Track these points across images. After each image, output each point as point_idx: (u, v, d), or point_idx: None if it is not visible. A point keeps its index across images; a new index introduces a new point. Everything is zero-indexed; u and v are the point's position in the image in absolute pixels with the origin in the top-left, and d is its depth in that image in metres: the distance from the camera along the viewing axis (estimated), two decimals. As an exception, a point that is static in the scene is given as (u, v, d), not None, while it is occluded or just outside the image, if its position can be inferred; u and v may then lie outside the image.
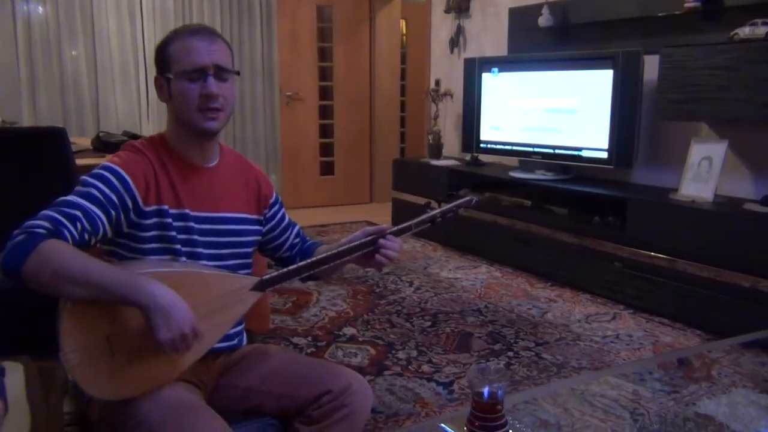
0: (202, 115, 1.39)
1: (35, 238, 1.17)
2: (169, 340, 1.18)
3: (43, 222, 1.21)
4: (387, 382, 2.55)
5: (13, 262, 1.15)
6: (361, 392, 1.42)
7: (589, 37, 4.13)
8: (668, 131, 3.73)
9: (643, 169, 3.90)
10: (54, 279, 1.16)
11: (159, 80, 1.43)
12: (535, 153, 4.22)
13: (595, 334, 3.08)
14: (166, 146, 1.45)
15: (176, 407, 1.25)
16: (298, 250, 1.68)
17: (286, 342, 2.93)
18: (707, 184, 3.27)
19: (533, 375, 2.63)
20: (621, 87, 3.68)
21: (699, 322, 3.14)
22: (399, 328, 3.14)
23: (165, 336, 1.18)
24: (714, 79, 3.13)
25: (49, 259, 1.16)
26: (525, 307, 3.45)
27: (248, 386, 1.44)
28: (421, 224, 1.54)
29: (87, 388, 1.23)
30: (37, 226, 1.20)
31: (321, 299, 3.52)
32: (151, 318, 1.17)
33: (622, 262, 3.46)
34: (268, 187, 1.62)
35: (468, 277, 4.01)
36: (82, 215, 1.26)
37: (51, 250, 1.17)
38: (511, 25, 4.69)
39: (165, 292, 1.19)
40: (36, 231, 1.19)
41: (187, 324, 1.20)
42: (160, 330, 1.17)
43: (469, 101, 4.65)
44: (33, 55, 4.88)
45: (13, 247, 1.17)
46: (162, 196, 1.38)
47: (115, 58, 5.18)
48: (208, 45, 1.39)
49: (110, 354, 1.23)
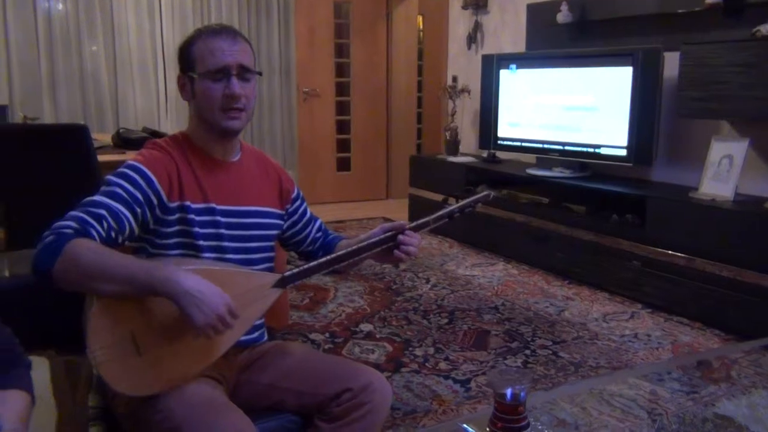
0: (224, 114, 1.41)
1: (63, 238, 1.20)
2: (206, 324, 1.20)
3: (70, 222, 1.24)
4: (404, 379, 2.56)
5: (43, 263, 1.18)
6: (381, 390, 1.43)
7: (608, 33, 4.10)
8: (688, 129, 3.70)
9: (662, 167, 3.87)
10: (82, 277, 1.19)
11: (182, 79, 1.46)
12: (553, 150, 4.20)
13: (612, 333, 3.07)
14: (189, 143, 1.47)
15: (200, 403, 1.27)
16: (320, 244, 1.70)
17: (303, 338, 2.95)
18: (728, 183, 3.24)
19: (551, 374, 2.63)
20: (640, 84, 3.65)
21: (718, 322, 3.12)
22: (416, 325, 3.15)
23: (201, 321, 1.19)
24: (735, 77, 3.10)
25: (77, 258, 1.19)
26: (542, 305, 3.45)
27: (270, 383, 1.46)
28: (439, 220, 1.55)
29: (113, 385, 1.25)
30: (64, 227, 1.23)
31: (338, 295, 3.54)
32: (184, 306, 1.19)
33: (641, 260, 3.44)
34: (290, 182, 1.64)
35: (485, 275, 4.01)
36: (108, 214, 1.28)
37: (78, 249, 1.19)
38: (530, 22, 4.67)
39: (192, 279, 1.21)
40: (64, 231, 1.22)
41: (220, 305, 1.21)
42: (195, 316, 1.19)
43: (487, 98, 4.64)
44: (53, 51, 4.93)
45: (42, 248, 1.20)
46: (185, 192, 1.40)
47: (134, 53, 5.23)
48: (231, 45, 1.41)
49: (136, 351, 1.25)
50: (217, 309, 1.21)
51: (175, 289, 1.20)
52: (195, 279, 1.22)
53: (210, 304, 1.20)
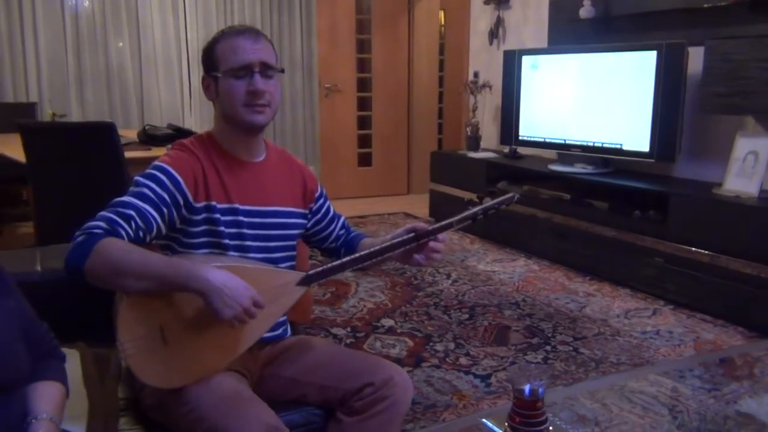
0: (248, 109, 1.44)
1: (93, 238, 1.25)
2: (232, 317, 1.25)
3: (100, 222, 1.29)
4: (425, 373, 2.59)
5: (75, 262, 1.23)
6: (402, 385, 1.45)
7: (631, 28, 4.07)
8: (712, 125, 3.66)
9: (685, 163, 3.84)
10: (112, 274, 1.24)
11: (206, 80, 1.49)
12: (575, 146, 4.19)
13: (634, 330, 3.06)
14: (214, 143, 1.50)
15: (226, 396, 1.31)
16: (343, 241, 1.72)
17: (325, 332, 2.99)
18: (752, 180, 3.20)
19: (571, 370, 2.64)
20: (664, 79, 3.62)
21: (742, 319, 3.09)
22: (437, 320, 3.17)
23: (227, 314, 1.24)
24: (761, 72, 3.07)
25: (106, 256, 1.23)
26: (563, 301, 3.45)
27: (293, 377, 1.49)
28: (463, 221, 1.55)
29: (142, 377, 1.29)
30: (94, 227, 1.27)
31: (359, 290, 3.57)
32: (211, 300, 1.24)
33: (664, 257, 3.42)
34: (313, 181, 1.67)
35: (506, 270, 4.01)
36: (136, 214, 1.32)
37: (108, 248, 1.24)
38: (552, 17, 4.65)
39: (218, 273, 1.26)
40: (94, 231, 1.26)
41: (244, 297, 1.26)
42: (221, 310, 1.24)
43: (509, 93, 4.63)
44: (80, 48, 5.03)
45: (73, 248, 1.25)
46: (210, 192, 1.44)
47: (159, 50, 5.30)
48: (253, 44, 1.44)
49: (164, 344, 1.29)
50: (243, 302, 1.25)
51: (202, 285, 1.24)
52: (221, 274, 1.26)
53: (236, 298, 1.24)
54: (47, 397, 1.17)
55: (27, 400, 1.15)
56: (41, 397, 1.16)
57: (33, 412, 1.14)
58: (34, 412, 1.14)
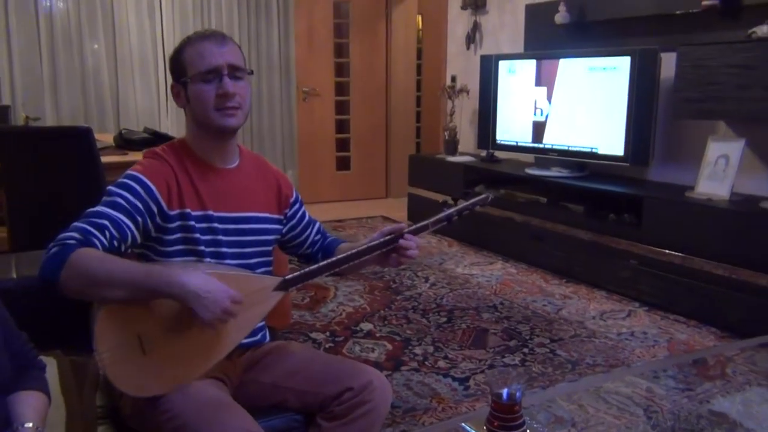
0: (220, 113, 1.44)
1: (67, 249, 1.25)
2: (213, 319, 1.26)
3: (73, 233, 1.28)
4: (404, 377, 2.60)
5: (50, 274, 1.24)
6: (382, 389, 1.46)
7: (606, 34, 4.13)
8: (685, 129, 3.74)
9: (659, 166, 3.91)
10: (88, 285, 1.24)
11: (176, 87, 1.49)
12: (551, 150, 4.24)
13: (609, 331, 3.10)
14: (187, 150, 1.50)
15: (205, 403, 1.30)
16: (319, 246, 1.73)
17: (304, 337, 2.99)
18: (724, 183, 3.27)
19: (548, 372, 2.67)
20: (638, 85, 3.68)
21: (714, 319, 3.16)
22: (415, 323, 3.19)
23: (208, 317, 1.25)
24: (732, 78, 3.13)
25: (81, 267, 1.23)
26: (540, 304, 3.48)
27: (272, 382, 1.50)
28: (438, 223, 1.58)
29: (120, 386, 1.29)
30: (68, 238, 1.27)
31: (338, 294, 3.58)
32: (190, 305, 1.24)
33: (638, 259, 3.48)
34: (288, 187, 1.67)
35: (483, 273, 4.04)
36: (110, 224, 1.33)
37: (83, 258, 1.24)
38: (528, 22, 4.70)
39: (194, 277, 1.26)
40: (68, 242, 1.26)
41: (224, 299, 1.26)
42: (201, 313, 1.25)
43: (486, 98, 4.67)
44: (55, 51, 4.96)
45: (48, 259, 1.25)
46: (184, 200, 1.44)
47: (135, 53, 5.25)
48: (219, 47, 1.45)
49: (142, 352, 1.28)
50: (222, 302, 1.26)
51: (180, 290, 1.24)
52: (197, 277, 1.27)
53: (215, 299, 1.25)
54: (32, 406, 1.17)
55: (11, 408, 1.15)
56: (26, 406, 1.16)
57: (19, 420, 1.13)
58: (19, 420, 1.13)
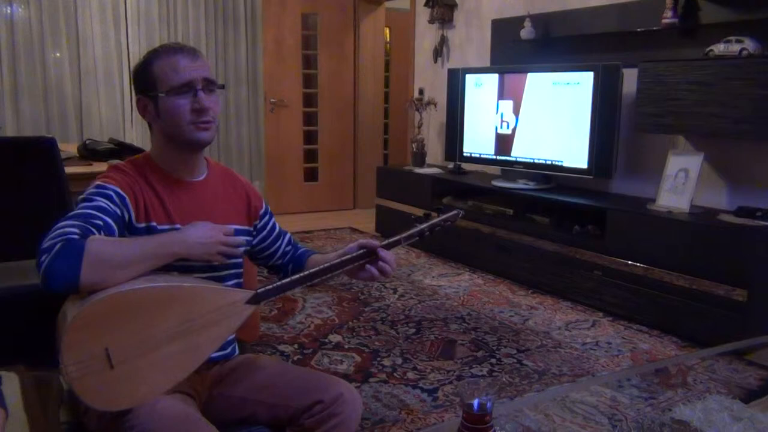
0: (194, 127, 1.44)
1: (76, 242, 1.22)
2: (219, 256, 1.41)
3: (71, 229, 1.26)
4: (373, 389, 2.60)
5: (68, 273, 1.20)
6: (352, 401, 1.46)
7: (570, 50, 4.23)
8: (646, 143, 3.83)
9: (621, 179, 4.00)
10: (112, 269, 1.24)
11: (143, 100, 1.47)
12: (517, 163, 4.30)
13: (575, 341, 3.15)
14: (152, 165, 1.49)
15: (172, 418, 1.29)
16: (290, 257, 1.72)
17: (272, 350, 2.97)
18: (684, 195, 3.36)
19: (515, 382, 2.70)
20: (601, 99, 3.77)
21: (675, 329, 3.23)
22: (384, 335, 3.19)
23: (215, 257, 1.40)
24: (690, 94, 3.23)
25: (102, 254, 1.24)
26: (507, 315, 3.52)
27: (242, 396, 1.49)
28: (410, 238, 1.60)
29: (86, 400, 1.26)
30: (69, 233, 1.24)
31: (306, 306, 3.56)
32: (198, 256, 1.37)
33: (602, 270, 3.55)
34: (258, 198, 1.67)
35: (451, 285, 4.07)
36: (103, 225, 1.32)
37: (99, 246, 1.25)
38: (494, 37, 4.78)
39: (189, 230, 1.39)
40: (70, 237, 1.23)
41: (214, 237, 1.39)
42: (206, 258, 1.39)
43: (453, 111, 4.73)
44: (16, 59, 4.86)
45: (57, 257, 1.20)
46: (150, 214, 1.43)
47: (99, 63, 5.18)
48: (192, 61, 1.45)
49: (109, 366, 1.26)
50: (217, 239, 1.39)
51: (183, 247, 1.35)
52: (189, 229, 1.39)
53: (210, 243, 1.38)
54: None
55: None
56: None
57: None
58: None
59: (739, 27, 3.19)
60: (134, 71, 1.49)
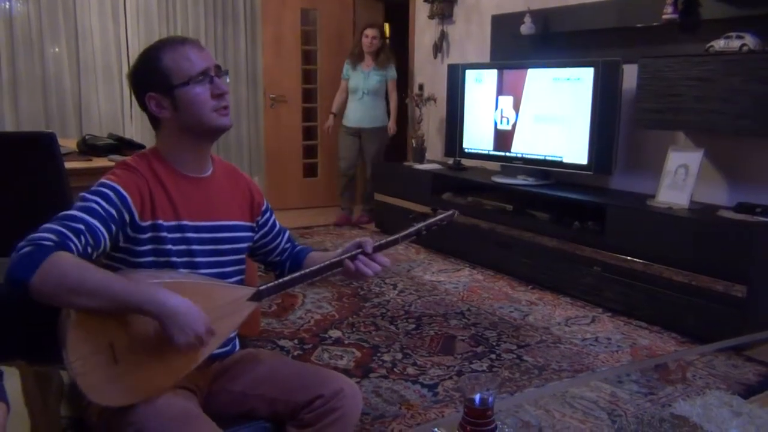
0: (217, 114, 1.44)
1: (44, 250, 1.19)
2: (186, 343, 1.25)
3: (49, 235, 1.23)
4: (373, 384, 2.60)
5: (22, 273, 1.17)
6: (352, 396, 1.46)
7: (570, 45, 4.22)
8: (646, 139, 3.83)
9: (621, 175, 4.00)
10: (62, 290, 1.19)
11: (155, 97, 1.43)
12: (517, 158, 4.30)
13: (574, 337, 3.16)
14: (160, 160, 1.48)
15: (172, 414, 1.29)
16: (288, 254, 1.73)
17: (272, 345, 2.97)
18: (683, 191, 3.36)
19: (515, 377, 2.70)
20: (601, 95, 3.76)
21: (675, 325, 3.23)
22: (384, 330, 3.19)
23: (181, 340, 1.24)
24: (690, 90, 3.23)
25: (58, 271, 1.18)
26: (507, 310, 3.52)
27: (242, 391, 1.49)
28: (407, 237, 1.60)
29: (90, 395, 1.26)
30: (44, 239, 1.22)
31: (306, 302, 3.57)
32: (166, 325, 1.23)
33: (601, 266, 3.55)
34: (260, 195, 1.67)
35: (451, 280, 4.07)
36: (86, 229, 1.29)
37: (60, 262, 1.19)
38: (494, 32, 4.77)
39: (174, 298, 1.24)
40: (43, 243, 1.21)
41: (199, 325, 1.26)
42: (176, 336, 1.24)
43: (453, 106, 4.72)
44: (15, 54, 4.85)
45: (20, 258, 1.18)
46: (157, 211, 1.41)
47: (98, 58, 5.17)
48: (200, 50, 1.45)
49: (113, 362, 1.26)
50: (198, 329, 1.25)
51: (158, 309, 1.23)
52: (176, 299, 1.25)
53: (191, 325, 1.25)
54: None
55: None
56: None
57: None
58: None
59: (739, 23, 3.19)
60: (136, 70, 1.46)
